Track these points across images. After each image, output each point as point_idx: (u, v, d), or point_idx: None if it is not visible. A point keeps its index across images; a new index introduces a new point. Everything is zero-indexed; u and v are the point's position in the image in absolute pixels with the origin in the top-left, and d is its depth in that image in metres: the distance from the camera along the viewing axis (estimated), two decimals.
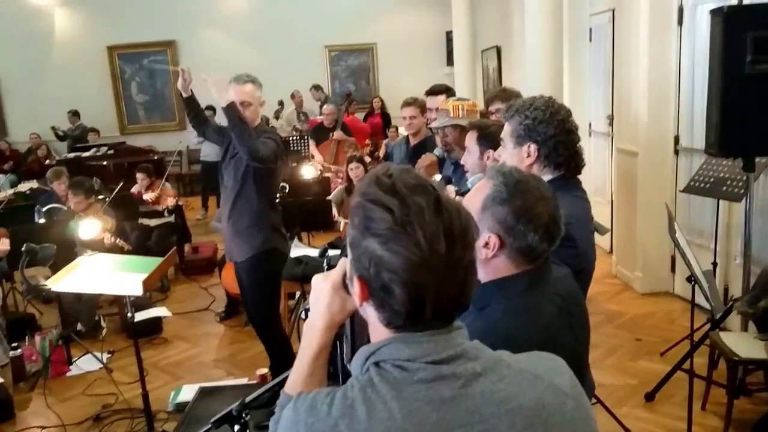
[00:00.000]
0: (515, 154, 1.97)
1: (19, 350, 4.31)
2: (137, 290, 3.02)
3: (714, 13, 3.24)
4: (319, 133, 7.76)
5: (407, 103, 4.01)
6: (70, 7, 10.68)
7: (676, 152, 4.97)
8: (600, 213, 6.33)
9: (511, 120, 1.98)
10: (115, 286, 3.17)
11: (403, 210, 0.94)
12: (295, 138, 7.95)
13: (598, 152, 6.39)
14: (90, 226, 3.60)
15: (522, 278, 1.43)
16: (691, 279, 2.89)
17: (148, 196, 6.07)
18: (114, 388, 4.03)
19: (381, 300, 0.97)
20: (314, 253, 4.06)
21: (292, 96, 9.94)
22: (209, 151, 8.20)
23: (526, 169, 1.93)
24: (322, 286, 1.18)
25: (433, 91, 3.88)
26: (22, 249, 3.46)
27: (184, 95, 3.53)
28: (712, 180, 3.96)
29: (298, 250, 4.16)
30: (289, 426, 0.99)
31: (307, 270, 3.82)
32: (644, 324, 4.67)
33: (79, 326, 4.93)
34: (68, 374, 4.41)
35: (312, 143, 7.69)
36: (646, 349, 4.26)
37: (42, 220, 4.16)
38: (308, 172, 6.10)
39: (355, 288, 1.00)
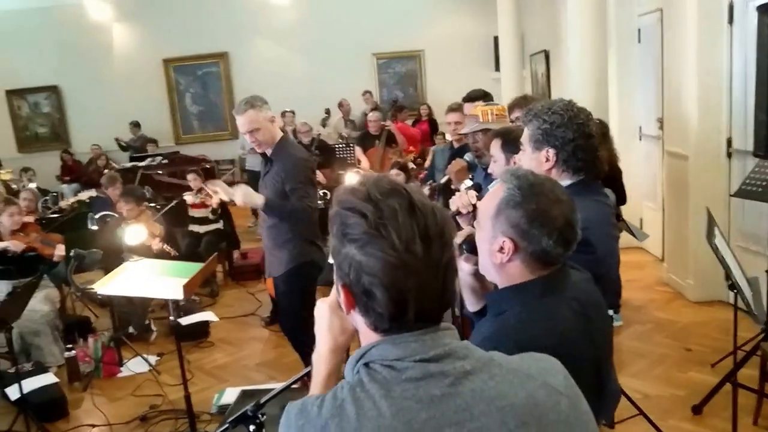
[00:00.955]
0: (534, 159, 1.95)
1: (73, 351, 4.49)
2: (178, 294, 3.10)
3: (761, 9, 3.12)
4: (365, 140, 7.82)
5: (452, 109, 4.02)
6: (127, 21, 11.10)
7: (729, 155, 4.79)
8: (651, 219, 6.18)
9: (529, 124, 1.96)
10: (157, 290, 3.27)
11: (376, 214, 0.95)
12: (341, 145, 8.02)
13: (649, 156, 6.21)
14: (135, 233, 3.73)
15: (537, 284, 1.42)
16: (733, 287, 2.77)
17: (192, 197, 6.24)
18: (161, 389, 4.16)
19: (365, 305, 0.99)
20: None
21: (340, 104, 10.06)
22: (254, 162, 8.36)
23: (545, 174, 1.93)
24: (320, 308, 1.21)
25: (471, 98, 3.86)
26: (70, 254, 3.61)
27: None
28: (765, 183, 3.80)
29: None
30: (284, 427, 1.00)
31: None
32: (695, 333, 4.50)
33: (130, 329, 5.11)
34: (119, 375, 4.57)
35: (359, 150, 7.75)
36: (696, 360, 4.11)
37: (94, 227, 4.33)
38: (351, 179, 6.14)
39: (341, 296, 1.02)
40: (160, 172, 8.71)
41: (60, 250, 4.37)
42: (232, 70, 11.33)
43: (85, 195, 7.44)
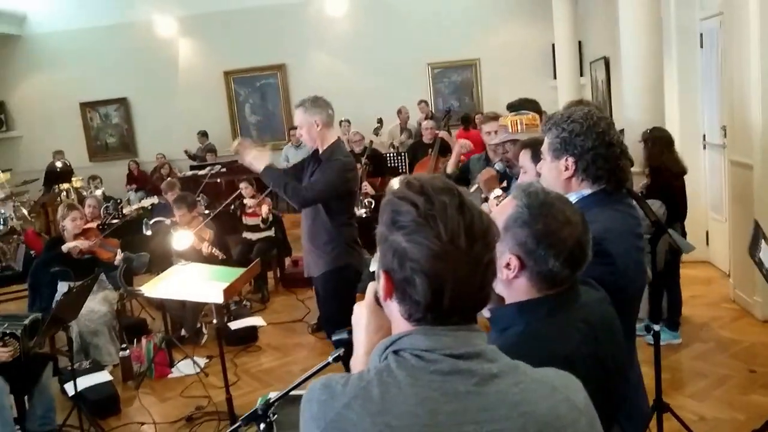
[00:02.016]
0: (553, 168, 1.90)
1: (128, 351, 4.65)
2: (219, 298, 3.17)
3: None
4: (418, 149, 7.82)
5: (489, 118, 3.97)
6: (191, 36, 11.50)
7: None
8: (717, 231, 5.91)
9: (549, 133, 1.91)
10: (200, 294, 3.35)
11: (427, 205, 0.99)
12: (392, 154, 8.05)
13: (714, 166, 5.94)
14: (183, 238, 3.84)
15: (543, 303, 1.38)
16: None
17: (249, 202, 6.39)
18: (208, 391, 4.25)
19: (403, 291, 1.01)
20: None
21: (399, 112, 10.12)
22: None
23: (564, 183, 1.89)
24: (357, 311, 1.24)
25: (512, 106, 3.81)
26: (115, 257, 3.75)
27: (260, 169, 3.55)
28: None
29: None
30: (304, 404, 1.02)
31: None
32: (761, 354, 4.25)
33: (182, 332, 5.26)
34: (169, 376, 4.70)
35: (410, 159, 7.77)
36: (760, 382, 3.87)
37: (149, 232, 4.50)
38: (396, 183, 6.14)
39: (381, 283, 1.05)
40: (219, 180, 8.96)
41: (118, 254, 4.56)
42: (289, 81, 11.56)
43: (147, 202, 7.72)
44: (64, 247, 4.75)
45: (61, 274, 4.64)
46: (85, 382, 4.20)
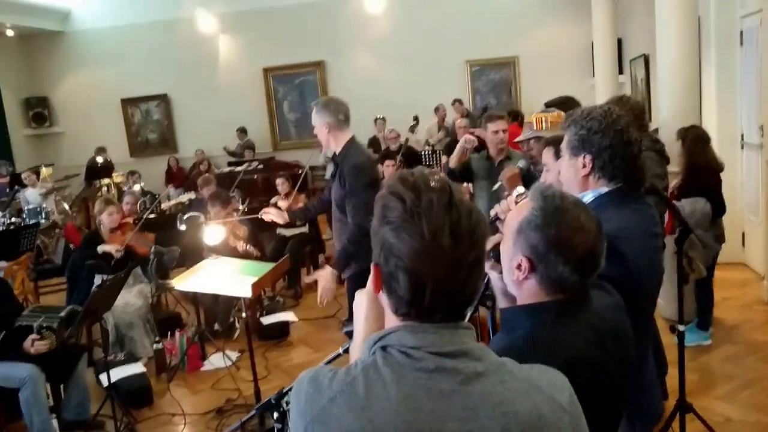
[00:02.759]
0: (571, 165, 1.90)
1: (161, 344, 4.77)
2: (247, 293, 3.24)
3: None
4: (452, 148, 7.78)
5: (496, 117, 3.97)
6: (231, 33, 11.68)
7: None
8: (753, 232, 5.76)
9: (567, 131, 1.91)
10: (228, 288, 3.42)
11: (415, 202, 1.00)
12: (427, 153, 8.05)
13: (751, 166, 5.79)
14: (214, 233, 3.93)
15: (551, 307, 1.38)
16: None
17: (281, 203, 6.46)
18: (238, 385, 4.33)
19: (389, 286, 1.03)
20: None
21: (437, 109, 10.11)
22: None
23: (581, 181, 1.89)
24: (359, 299, 1.25)
25: (550, 104, 3.78)
26: (151, 251, 3.85)
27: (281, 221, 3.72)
28: None
29: None
30: (293, 395, 1.06)
31: None
32: None
33: (216, 326, 5.36)
34: (202, 369, 4.81)
35: (445, 158, 7.76)
36: None
37: (183, 227, 4.60)
38: None
39: (372, 276, 1.09)
40: (255, 176, 9.09)
41: (153, 249, 4.69)
42: (327, 78, 11.64)
43: (185, 197, 7.89)
44: (99, 249, 4.88)
45: (97, 267, 4.78)
46: (119, 373, 4.32)
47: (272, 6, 11.27)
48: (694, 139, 4.42)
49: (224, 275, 3.50)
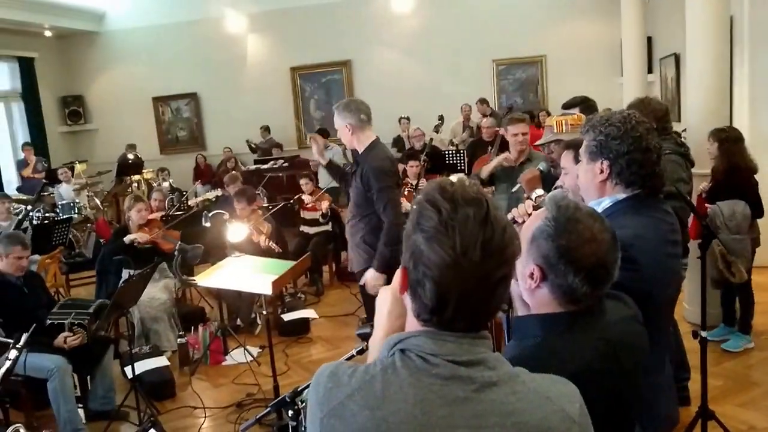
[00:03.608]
0: (589, 171, 1.90)
1: (185, 338, 4.86)
2: (267, 290, 3.29)
3: None
4: (477, 148, 7.78)
5: (516, 120, 3.96)
6: (260, 33, 11.80)
7: None
8: None
9: (586, 135, 1.91)
10: (249, 285, 3.48)
11: (451, 214, 1.01)
12: (451, 152, 8.03)
13: None
14: (237, 230, 3.99)
15: (563, 318, 1.38)
16: None
17: (306, 199, 6.54)
18: (258, 379, 4.40)
19: (414, 291, 1.05)
20: None
21: (461, 109, 10.08)
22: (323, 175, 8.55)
23: (599, 186, 1.88)
24: (383, 296, 1.29)
25: (569, 105, 3.76)
26: (175, 248, 3.93)
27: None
28: None
29: None
30: (312, 388, 1.09)
31: None
32: None
33: (238, 321, 5.44)
34: (223, 363, 4.88)
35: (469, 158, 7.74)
36: None
37: (208, 224, 4.68)
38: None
39: (399, 277, 1.10)
40: (281, 174, 9.18)
41: (177, 246, 4.78)
42: (354, 77, 11.69)
43: (212, 194, 8.01)
44: (126, 239, 5.01)
45: (124, 262, 4.90)
46: (143, 365, 4.42)
47: (300, 5, 11.36)
48: (734, 140, 4.36)
49: (246, 272, 3.56)
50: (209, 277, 3.51)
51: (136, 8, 11.85)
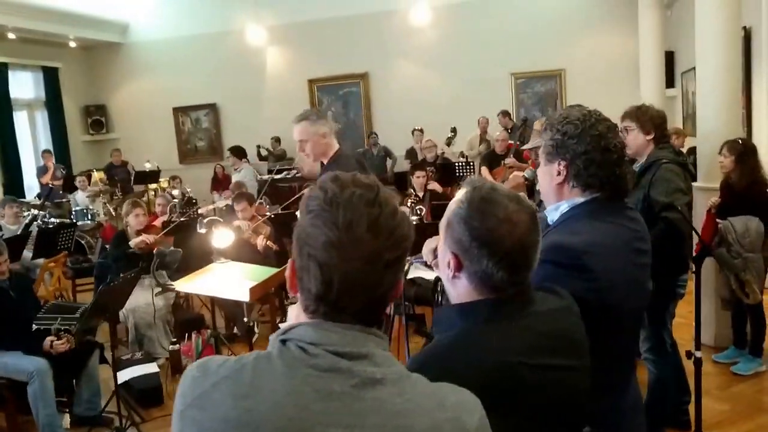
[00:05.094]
0: (546, 173, 1.76)
1: (178, 346, 4.81)
2: (245, 297, 3.21)
3: None
4: (491, 160, 7.69)
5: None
6: (279, 45, 11.87)
7: None
8: None
9: (544, 135, 1.77)
10: (228, 291, 3.41)
11: (335, 193, 0.97)
12: (461, 164, 7.93)
13: None
14: (223, 236, 3.94)
15: (483, 306, 1.27)
16: None
17: None
18: None
19: (300, 279, 0.99)
20: (430, 276, 3.98)
21: (479, 122, 9.98)
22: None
23: (556, 189, 1.74)
24: (292, 309, 1.20)
25: None
26: (154, 252, 3.89)
27: None
28: None
29: (415, 272, 4.10)
30: (180, 380, 1.01)
31: (419, 291, 3.75)
32: None
33: (235, 329, 5.38)
34: None
35: (485, 169, 7.64)
36: None
37: (203, 230, 4.64)
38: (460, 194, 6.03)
39: (288, 271, 1.03)
40: (292, 185, 9.17)
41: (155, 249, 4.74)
42: (371, 90, 11.67)
43: (222, 202, 8.03)
44: (132, 243, 4.99)
45: (124, 268, 4.86)
46: (133, 372, 4.39)
47: (319, 19, 11.40)
48: (751, 152, 4.20)
49: (228, 279, 3.49)
50: (189, 283, 3.45)
51: (159, 20, 12.05)
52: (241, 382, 0.93)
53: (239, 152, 9.33)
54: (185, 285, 3.45)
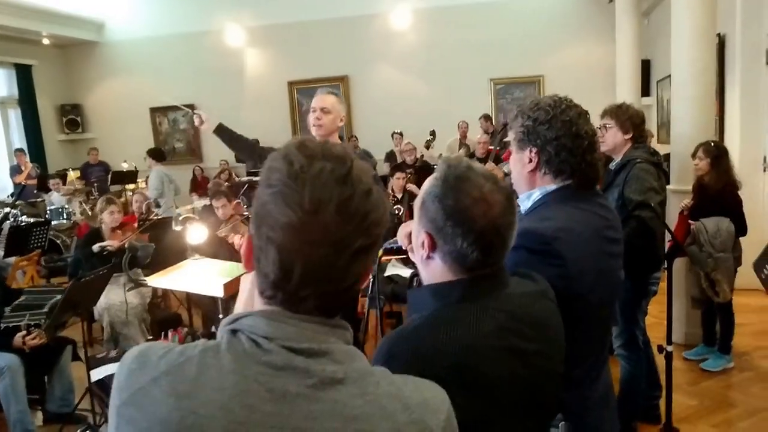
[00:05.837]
0: (517, 161, 1.75)
1: None
2: (219, 292, 3.19)
3: None
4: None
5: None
6: (259, 46, 11.85)
7: None
8: None
9: (514, 122, 1.75)
10: (201, 287, 3.38)
11: (302, 166, 0.85)
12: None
13: None
14: (197, 232, 3.91)
15: (456, 287, 1.25)
16: None
17: None
18: None
19: (258, 260, 0.89)
20: (406, 273, 4.00)
21: (459, 126, 10.04)
22: None
23: (528, 177, 1.73)
24: (243, 282, 1.11)
25: None
26: (125, 246, 3.85)
27: (212, 131, 3.79)
28: None
29: (392, 269, 4.13)
30: (117, 369, 0.90)
31: (396, 288, 3.78)
32: None
33: (213, 329, 5.33)
34: None
35: None
36: None
37: (179, 228, 4.60)
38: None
39: (244, 248, 0.95)
40: None
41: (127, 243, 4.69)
42: (351, 93, 11.69)
43: (200, 203, 7.96)
44: (95, 247, 4.90)
45: (99, 265, 4.80)
46: (107, 369, 4.32)
47: (299, 21, 11.41)
48: (726, 155, 4.29)
49: (202, 275, 3.47)
50: (161, 278, 3.42)
51: (136, 19, 11.96)
52: (183, 378, 0.83)
53: (157, 154, 9.23)
54: (158, 280, 3.41)
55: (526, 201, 1.76)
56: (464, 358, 1.15)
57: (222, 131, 3.68)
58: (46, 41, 11.56)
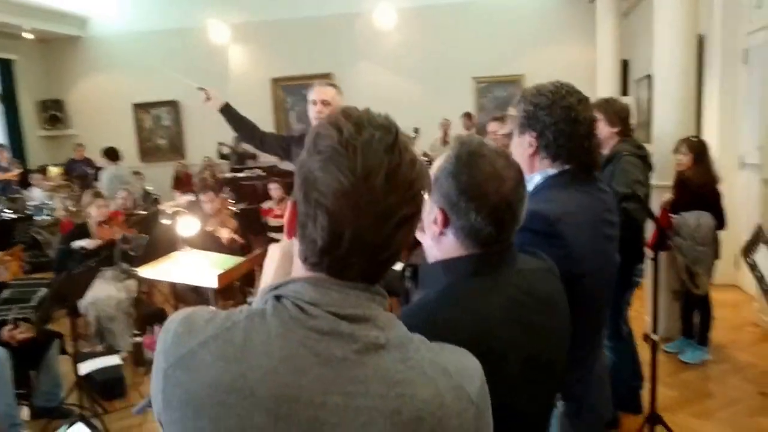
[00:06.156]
0: (518, 145, 1.79)
1: (140, 338, 4.76)
2: (213, 283, 3.22)
3: None
4: None
5: (494, 119, 3.97)
6: (243, 43, 11.81)
7: None
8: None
9: (517, 107, 1.80)
10: (195, 278, 3.40)
11: (353, 134, 0.86)
12: (425, 162, 8.02)
13: (750, 186, 5.70)
14: (188, 224, 3.92)
15: (468, 261, 1.28)
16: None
17: (269, 204, 6.49)
18: None
19: (304, 227, 0.88)
20: (398, 266, 4.05)
21: (441, 124, 10.11)
22: None
23: (528, 161, 1.77)
24: (271, 252, 1.15)
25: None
26: (118, 238, 3.85)
27: (218, 109, 3.80)
28: None
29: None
30: (160, 334, 0.91)
31: (387, 280, 3.82)
32: None
33: None
34: None
35: None
36: None
37: (167, 221, 4.61)
38: None
39: (288, 214, 0.94)
40: (255, 183, 9.14)
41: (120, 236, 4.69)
42: None
43: (183, 200, 7.94)
44: (75, 245, 4.86)
45: (85, 259, 4.79)
46: (95, 364, 4.33)
47: (283, 18, 11.41)
48: (707, 150, 4.38)
49: (194, 266, 3.49)
50: (153, 269, 3.43)
51: (120, 14, 11.84)
52: (232, 342, 0.84)
53: (112, 154, 9.18)
54: (150, 271, 3.42)
55: (528, 184, 1.81)
56: (478, 330, 1.18)
57: (227, 111, 3.66)
58: (28, 36, 11.40)
